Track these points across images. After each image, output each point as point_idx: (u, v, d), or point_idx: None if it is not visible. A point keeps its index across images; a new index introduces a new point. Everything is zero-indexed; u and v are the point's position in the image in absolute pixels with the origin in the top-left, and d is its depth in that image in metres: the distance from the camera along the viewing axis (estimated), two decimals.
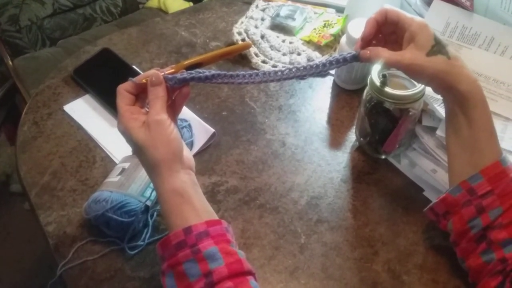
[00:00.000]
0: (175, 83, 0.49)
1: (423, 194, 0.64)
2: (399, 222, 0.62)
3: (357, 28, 0.70)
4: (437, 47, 0.50)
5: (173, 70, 0.50)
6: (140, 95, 0.50)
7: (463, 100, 0.50)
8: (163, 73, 0.49)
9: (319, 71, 0.53)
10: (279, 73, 0.52)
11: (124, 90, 0.48)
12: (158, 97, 0.47)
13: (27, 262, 1.40)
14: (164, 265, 0.45)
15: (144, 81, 0.48)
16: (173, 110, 0.51)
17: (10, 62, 1.36)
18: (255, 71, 0.52)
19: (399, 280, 0.56)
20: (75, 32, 1.45)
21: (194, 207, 0.47)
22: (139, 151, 0.47)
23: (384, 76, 0.58)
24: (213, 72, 0.50)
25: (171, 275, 0.45)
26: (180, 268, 0.44)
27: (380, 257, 0.58)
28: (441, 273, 0.57)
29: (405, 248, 0.59)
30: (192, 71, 0.50)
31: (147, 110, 0.49)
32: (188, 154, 0.52)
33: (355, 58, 0.53)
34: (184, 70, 0.50)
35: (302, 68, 0.52)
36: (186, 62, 0.51)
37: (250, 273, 0.45)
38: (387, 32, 0.55)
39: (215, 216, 0.48)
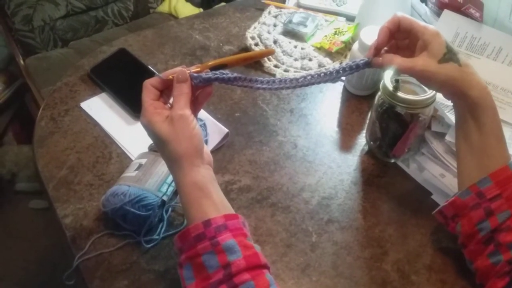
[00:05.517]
0: (199, 82, 0.50)
1: (431, 197, 0.66)
2: (408, 224, 0.63)
3: (369, 35, 0.72)
4: (449, 55, 0.51)
5: (198, 69, 0.52)
6: (165, 91, 0.52)
7: (474, 106, 0.52)
8: (189, 71, 0.50)
9: (333, 77, 0.55)
10: (295, 80, 0.54)
11: (150, 85, 0.50)
12: (182, 93, 0.49)
13: (30, 260, 1.40)
14: (182, 257, 0.46)
15: (170, 77, 0.50)
16: (194, 107, 0.53)
17: (22, 61, 1.38)
18: (273, 78, 0.54)
19: (408, 279, 0.58)
20: (87, 34, 1.47)
21: (213, 201, 0.48)
22: (161, 145, 0.49)
23: (397, 81, 0.60)
24: (235, 74, 0.52)
25: (189, 267, 0.45)
26: (199, 259, 0.45)
27: (390, 257, 0.60)
28: (449, 274, 0.58)
29: (413, 249, 0.61)
30: (216, 72, 0.51)
31: (170, 106, 0.50)
32: (207, 150, 0.53)
33: (367, 64, 0.55)
34: (209, 70, 0.52)
35: (316, 75, 0.54)
36: (211, 62, 0.53)
37: (266, 266, 0.47)
38: (400, 38, 0.57)
39: (232, 211, 0.50)
